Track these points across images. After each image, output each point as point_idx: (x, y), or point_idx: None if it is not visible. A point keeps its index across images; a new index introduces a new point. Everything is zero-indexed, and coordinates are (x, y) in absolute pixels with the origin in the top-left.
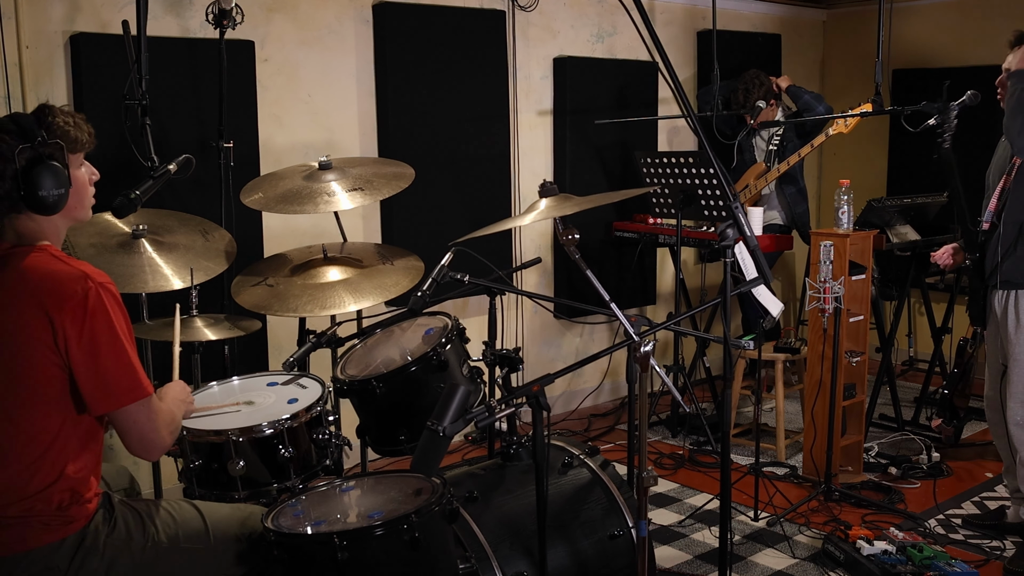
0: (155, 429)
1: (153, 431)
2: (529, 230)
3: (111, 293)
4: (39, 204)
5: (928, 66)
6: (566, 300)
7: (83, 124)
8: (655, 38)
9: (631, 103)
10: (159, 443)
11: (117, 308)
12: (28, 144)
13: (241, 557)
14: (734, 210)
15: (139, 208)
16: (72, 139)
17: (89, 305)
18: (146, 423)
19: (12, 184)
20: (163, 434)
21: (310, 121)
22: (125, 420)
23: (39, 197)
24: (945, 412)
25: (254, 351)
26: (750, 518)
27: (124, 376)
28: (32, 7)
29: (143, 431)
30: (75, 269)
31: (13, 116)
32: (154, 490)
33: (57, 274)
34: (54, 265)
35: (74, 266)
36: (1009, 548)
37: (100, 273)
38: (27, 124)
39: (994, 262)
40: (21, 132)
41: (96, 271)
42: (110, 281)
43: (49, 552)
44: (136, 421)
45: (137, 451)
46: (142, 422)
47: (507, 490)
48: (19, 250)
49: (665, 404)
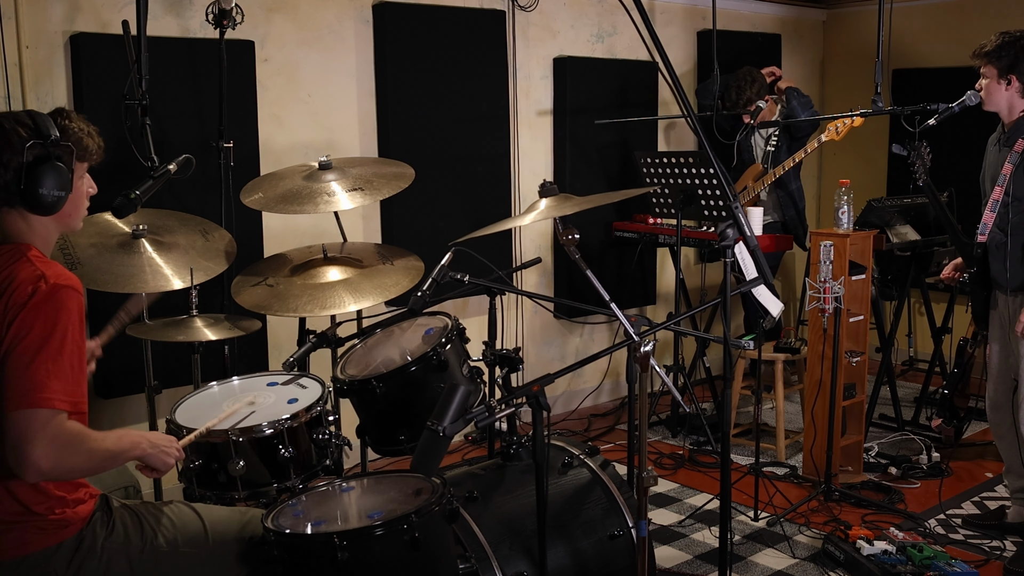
0: (30, 441)
1: (28, 442)
2: (529, 230)
3: (66, 295)
4: (36, 201)
5: (928, 66)
6: (566, 300)
7: (96, 136)
8: (655, 38)
9: (631, 103)
10: (30, 459)
11: (65, 312)
12: (40, 141)
13: (241, 560)
14: (734, 210)
15: (139, 208)
16: (83, 147)
17: (31, 302)
18: (25, 432)
19: (14, 176)
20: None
21: (310, 121)
22: (10, 424)
23: (38, 195)
24: (945, 412)
25: (254, 351)
26: (750, 518)
27: (29, 379)
28: (32, 7)
29: (19, 440)
30: (37, 270)
31: (31, 112)
32: (154, 490)
33: (18, 275)
34: (19, 266)
35: (39, 268)
36: (1009, 548)
37: (64, 275)
38: (43, 122)
39: (1004, 271)
40: (36, 128)
41: (60, 272)
42: (73, 283)
43: (47, 556)
44: (17, 426)
45: (8, 458)
46: (22, 430)
47: (507, 490)
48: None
49: (665, 404)
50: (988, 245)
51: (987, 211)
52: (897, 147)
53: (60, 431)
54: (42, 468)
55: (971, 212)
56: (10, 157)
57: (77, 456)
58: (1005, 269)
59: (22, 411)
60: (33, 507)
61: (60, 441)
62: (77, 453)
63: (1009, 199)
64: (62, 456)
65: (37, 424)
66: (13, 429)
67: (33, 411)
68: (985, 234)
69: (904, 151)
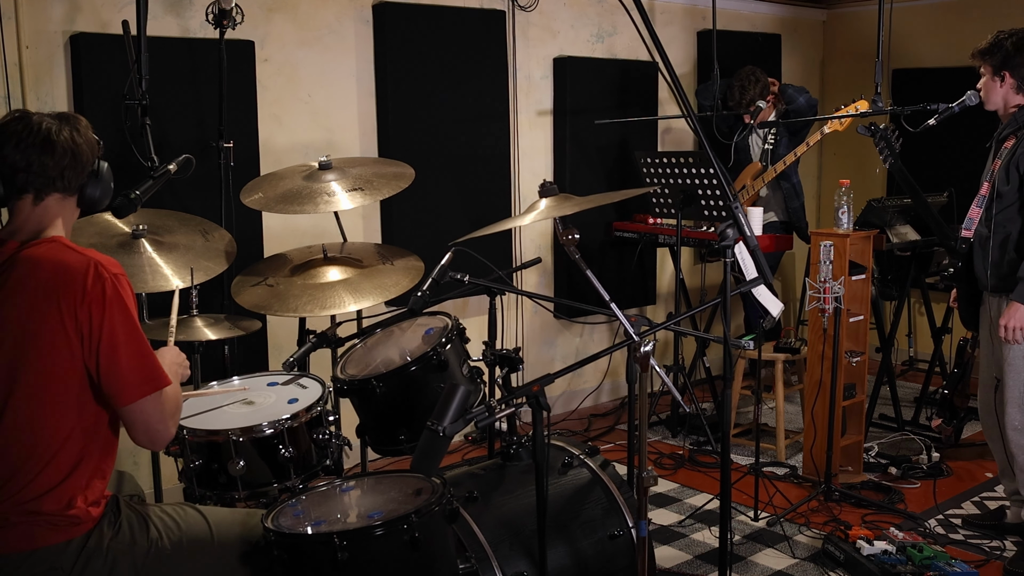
0: (163, 420)
1: (161, 422)
2: (529, 230)
3: (124, 282)
4: (93, 202)
5: (928, 66)
6: (566, 300)
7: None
8: (655, 38)
9: (631, 103)
10: (165, 435)
11: (131, 297)
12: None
13: (244, 560)
14: (734, 210)
15: (139, 208)
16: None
17: (107, 297)
18: (155, 414)
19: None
20: (169, 424)
21: (310, 121)
22: (138, 412)
23: (96, 198)
24: (945, 412)
25: (254, 351)
26: (750, 518)
27: (143, 366)
28: (32, 7)
29: (150, 422)
30: (86, 258)
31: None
32: (154, 490)
33: (69, 267)
34: (65, 255)
35: (85, 255)
36: (1009, 548)
37: (112, 262)
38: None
39: (984, 269)
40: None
41: (107, 259)
42: (122, 270)
43: (55, 553)
44: (145, 412)
45: (143, 442)
46: (151, 413)
47: (507, 490)
48: (30, 247)
49: (665, 404)
50: (973, 241)
51: (974, 206)
52: (862, 128)
53: (176, 400)
54: (172, 435)
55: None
56: (89, 158)
57: (178, 408)
58: (985, 267)
59: (149, 397)
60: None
61: (171, 407)
62: (177, 404)
63: (995, 195)
64: (176, 418)
65: (162, 403)
66: (144, 414)
67: (158, 394)
68: (971, 229)
69: (869, 132)
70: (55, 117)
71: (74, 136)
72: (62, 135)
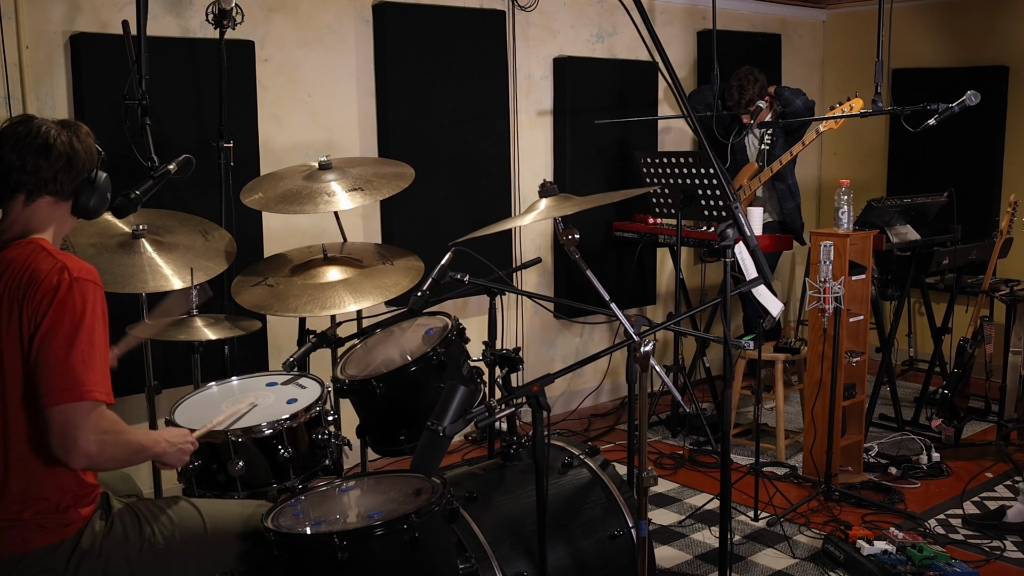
0: (80, 432)
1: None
2: (529, 230)
3: (89, 288)
4: (88, 209)
5: (928, 66)
6: (566, 300)
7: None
8: (655, 38)
9: (631, 103)
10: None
11: (94, 304)
12: (102, 157)
13: (242, 556)
14: (734, 210)
15: (139, 208)
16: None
17: (58, 296)
18: (72, 423)
19: (81, 183)
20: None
21: (310, 121)
22: (56, 417)
23: (89, 206)
24: (945, 412)
25: (254, 351)
26: (750, 518)
27: (73, 372)
28: (32, 7)
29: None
30: (57, 261)
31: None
32: (154, 491)
33: (37, 268)
34: (37, 258)
35: (58, 259)
36: (1009, 548)
37: (85, 268)
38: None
39: None
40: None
41: (80, 265)
42: (94, 278)
43: (46, 554)
44: (62, 420)
45: (56, 449)
46: (67, 422)
47: (507, 490)
48: (10, 248)
49: (665, 404)
50: None
51: None
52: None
53: (102, 421)
54: (91, 453)
55: (972, 212)
56: (85, 165)
57: (117, 446)
58: None
59: (67, 405)
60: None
61: (103, 429)
62: (117, 443)
63: None
64: (105, 444)
65: (81, 416)
66: (58, 421)
67: (77, 404)
68: None
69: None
70: (57, 123)
71: (72, 141)
72: (60, 139)
